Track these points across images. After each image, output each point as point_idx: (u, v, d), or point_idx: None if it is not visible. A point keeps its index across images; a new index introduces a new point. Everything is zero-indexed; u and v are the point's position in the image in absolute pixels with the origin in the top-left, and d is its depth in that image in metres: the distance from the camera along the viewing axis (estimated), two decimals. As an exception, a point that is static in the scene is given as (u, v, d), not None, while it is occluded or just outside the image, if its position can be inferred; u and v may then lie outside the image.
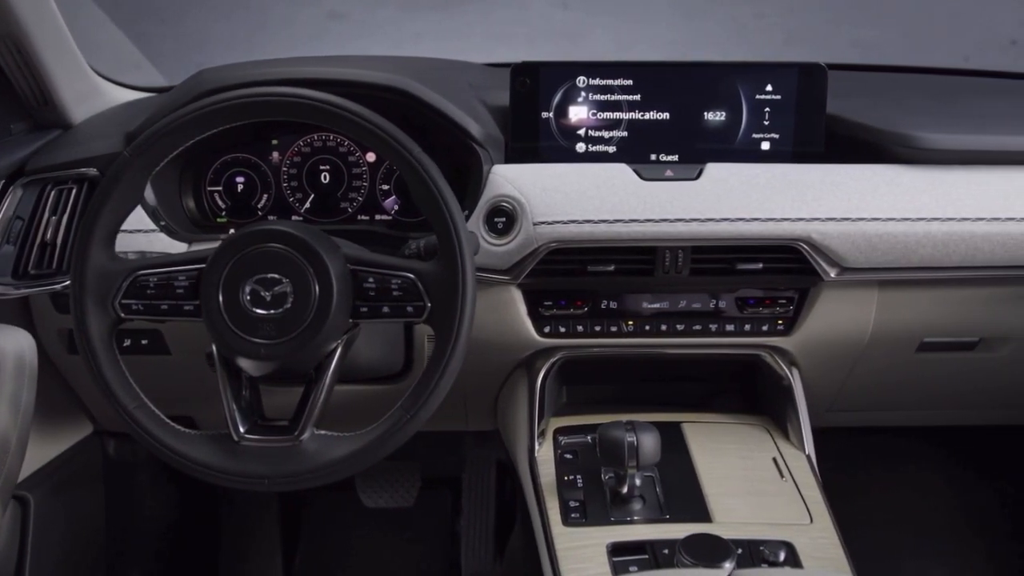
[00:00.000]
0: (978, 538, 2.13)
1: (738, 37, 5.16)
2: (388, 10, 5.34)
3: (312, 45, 4.96)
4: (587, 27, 5.27)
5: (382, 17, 5.33)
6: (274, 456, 1.24)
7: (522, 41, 5.04)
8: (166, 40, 4.87)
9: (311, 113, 1.23)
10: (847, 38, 5.00)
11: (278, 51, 3.70)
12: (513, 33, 5.17)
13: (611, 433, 1.34)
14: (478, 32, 5.16)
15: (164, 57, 4.97)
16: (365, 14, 5.31)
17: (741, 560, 1.26)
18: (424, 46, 4.81)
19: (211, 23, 5.27)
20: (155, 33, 4.91)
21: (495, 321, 1.51)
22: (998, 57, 4.98)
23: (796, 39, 5.11)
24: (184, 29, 5.16)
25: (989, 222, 1.45)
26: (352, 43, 5.07)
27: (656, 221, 1.44)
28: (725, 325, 1.53)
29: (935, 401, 1.76)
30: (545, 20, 5.38)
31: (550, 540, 1.33)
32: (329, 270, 1.23)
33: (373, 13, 5.33)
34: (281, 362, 1.24)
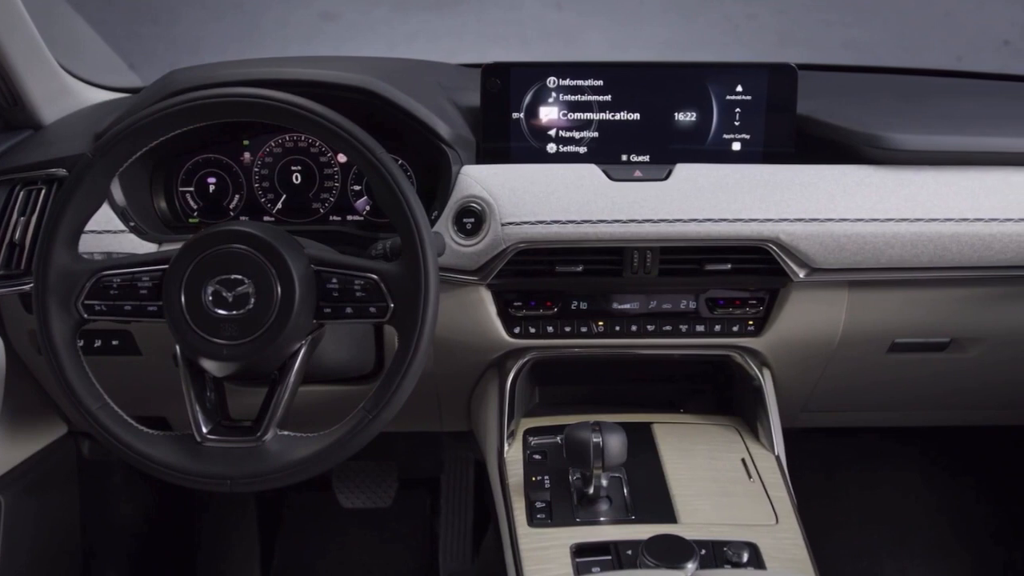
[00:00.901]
0: (957, 538, 2.13)
1: (731, 38, 5.16)
2: (381, 11, 5.33)
3: (306, 46, 4.96)
4: (581, 27, 5.27)
5: (375, 18, 5.33)
6: (237, 457, 1.24)
7: (516, 42, 5.04)
8: (160, 41, 4.88)
9: (274, 114, 1.23)
10: (840, 38, 5.00)
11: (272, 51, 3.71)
12: (507, 34, 5.17)
13: (577, 434, 1.34)
14: (472, 32, 5.15)
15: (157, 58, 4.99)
16: (358, 15, 5.31)
17: (704, 561, 1.27)
18: (417, 46, 4.81)
19: (205, 24, 5.27)
20: (148, 34, 4.92)
21: (465, 322, 1.51)
22: (991, 57, 4.97)
23: (789, 40, 5.11)
24: (178, 30, 5.16)
25: (957, 223, 1.45)
26: (346, 44, 5.06)
27: (624, 222, 1.44)
28: (695, 326, 1.53)
29: (909, 402, 1.76)
30: (539, 21, 5.37)
31: (515, 540, 1.33)
32: (291, 271, 1.23)
33: (366, 14, 5.32)
34: (244, 363, 1.24)
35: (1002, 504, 2.16)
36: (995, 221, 1.45)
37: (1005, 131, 1.51)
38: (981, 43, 4.94)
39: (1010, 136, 1.49)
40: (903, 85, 1.88)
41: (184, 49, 4.82)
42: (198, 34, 5.06)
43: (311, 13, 5.30)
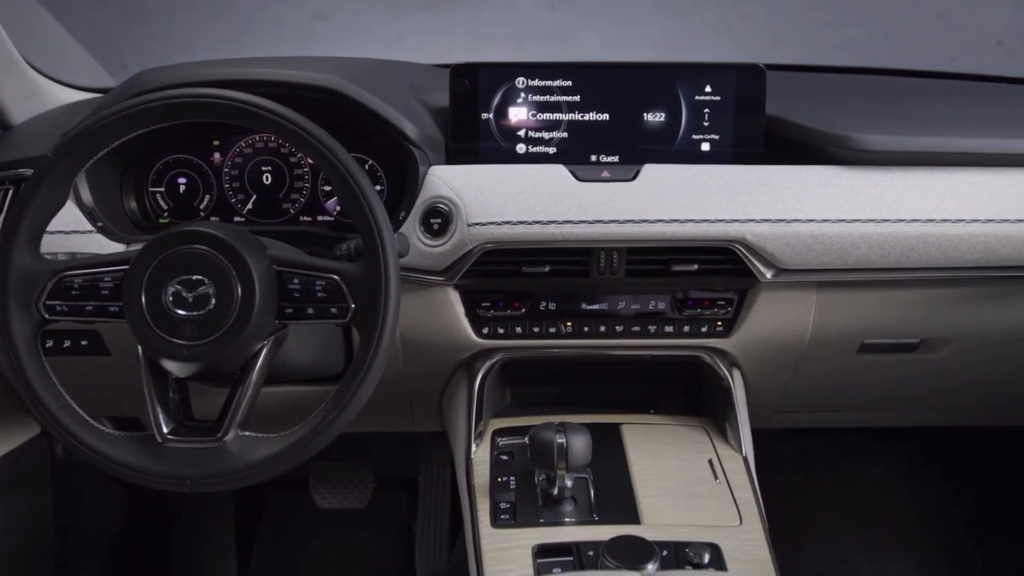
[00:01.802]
0: (935, 538, 2.12)
1: (725, 38, 5.16)
2: (375, 11, 5.34)
3: (299, 46, 4.96)
4: (574, 28, 5.26)
5: (369, 18, 5.33)
6: (197, 457, 1.24)
7: (510, 42, 5.04)
8: (154, 41, 4.88)
9: (234, 114, 1.23)
10: (834, 39, 4.99)
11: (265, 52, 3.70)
12: (500, 34, 5.16)
13: (541, 435, 1.34)
14: (465, 33, 5.15)
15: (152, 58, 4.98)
16: (352, 15, 5.31)
17: (666, 562, 1.27)
18: (410, 46, 4.81)
19: (199, 24, 5.27)
20: (142, 34, 4.92)
21: (433, 323, 1.51)
22: (985, 57, 4.97)
23: (783, 40, 5.10)
24: (172, 30, 5.16)
25: (924, 223, 1.44)
26: (339, 44, 5.07)
27: (590, 222, 1.43)
28: (664, 326, 1.53)
29: (882, 403, 1.75)
30: (532, 21, 5.37)
31: (477, 541, 1.33)
32: (251, 271, 1.23)
33: (360, 14, 5.32)
34: (204, 363, 1.24)
35: (980, 504, 2.16)
36: (962, 222, 1.44)
37: (973, 132, 1.51)
38: (975, 43, 4.93)
39: (978, 137, 1.49)
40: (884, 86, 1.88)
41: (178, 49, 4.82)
42: (192, 34, 5.07)
43: (305, 13, 5.30)
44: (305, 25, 5.13)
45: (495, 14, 5.27)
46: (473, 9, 5.23)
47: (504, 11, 5.35)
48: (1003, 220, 1.45)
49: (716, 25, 5.22)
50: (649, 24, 5.12)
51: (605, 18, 5.11)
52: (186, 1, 5.23)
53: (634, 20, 5.12)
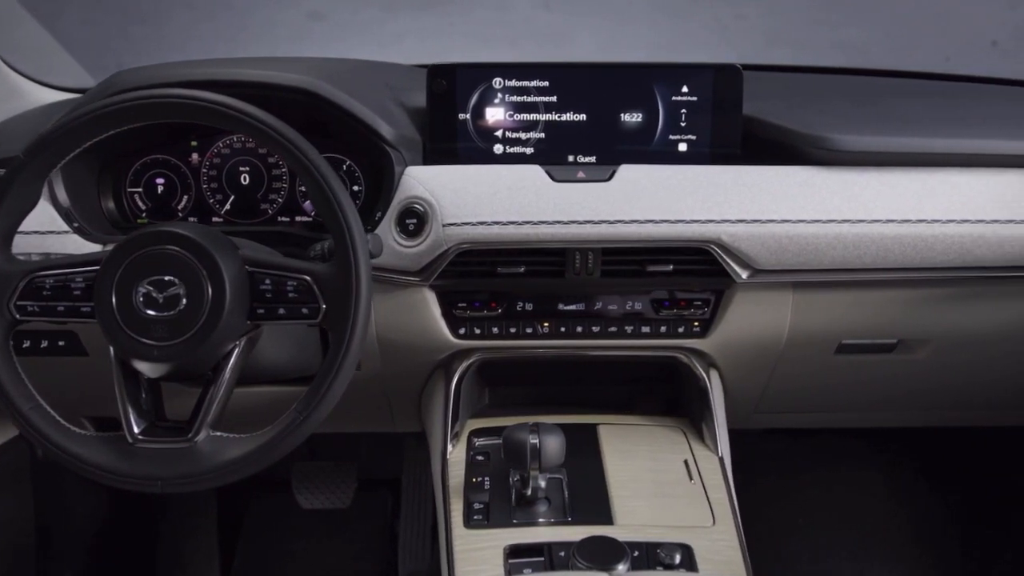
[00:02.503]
0: (918, 539, 2.12)
1: (720, 39, 5.16)
2: (370, 10, 5.34)
3: (294, 45, 4.96)
4: (569, 28, 5.26)
5: (363, 18, 5.33)
6: (168, 458, 1.24)
7: (505, 42, 5.04)
8: (149, 41, 4.88)
9: (205, 115, 1.24)
10: (829, 39, 4.99)
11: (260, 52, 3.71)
12: (495, 34, 5.16)
13: (515, 435, 1.34)
14: (461, 33, 5.15)
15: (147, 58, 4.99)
16: (346, 15, 5.31)
17: (636, 562, 1.26)
18: (406, 46, 4.81)
19: (194, 24, 5.28)
20: (138, 34, 4.93)
21: (410, 323, 1.51)
22: (979, 58, 4.96)
23: (778, 40, 5.10)
24: (167, 30, 5.17)
25: (900, 224, 1.44)
26: (334, 44, 5.07)
27: (565, 223, 1.43)
28: (641, 327, 1.53)
29: (862, 403, 1.75)
30: (527, 21, 5.37)
31: (450, 541, 1.33)
32: (222, 271, 1.23)
33: (354, 14, 5.33)
34: (175, 363, 1.25)
35: (963, 504, 2.16)
36: (937, 222, 1.44)
37: (951, 132, 1.51)
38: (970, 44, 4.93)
39: (955, 137, 1.49)
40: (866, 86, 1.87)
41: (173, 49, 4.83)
42: (187, 34, 5.07)
43: (300, 13, 5.30)
44: (300, 25, 5.13)
45: (490, 14, 5.28)
46: (468, 9, 5.23)
47: (499, 11, 5.36)
48: (978, 220, 1.45)
49: (711, 25, 5.22)
50: (644, 24, 5.12)
51: (600, 18, 5.11)
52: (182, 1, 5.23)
53: (629, 20, 5.12)
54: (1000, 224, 1.45)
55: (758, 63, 1.82)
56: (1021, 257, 1.46)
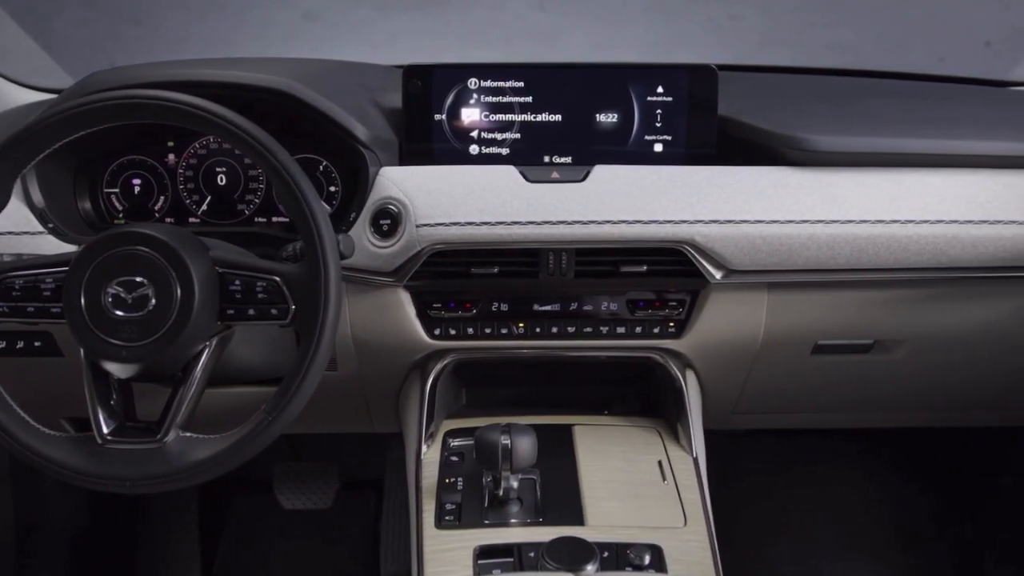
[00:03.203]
0: (900, 539, 2.13)
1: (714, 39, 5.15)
2: (363, 10, 5.33)
3: (288, 46, 4.95)
4: (564, 28, 5.25)
5: (357, 18, 5.33)
6: (137, 458, 1.25)
7: (499, 42, 5.03)
8: (142, 42, 4.87)
9: (173, 115, 1.23)
10: (824, 40, 4.98)
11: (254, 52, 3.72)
12: (490, 34, 5.16)
13: (486, 436, 1.34)
14: (454, 33, 5.15)
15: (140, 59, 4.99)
16: (340, 15, 5.30)
17: (606, 563, 1.27)
18: (400, 46, 4.80)
19: (188, 25, 5.26)
20: (131, 35, 4.92)
21: (385, 324, 1.51)
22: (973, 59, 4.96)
23: (772, 40, 5.09)
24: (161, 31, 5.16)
25: (873, 224, 1.44)
26: (328, 44, 5.06)
27: (539, 223, 1.43)
28: (616, 327, 1.53)
29: (841, 404, 1.75)
30: (521, 21, 5.36)
31: (420, 542, 1.33)
32: (191, 272, 1.23)
33: (348, 14, 5.32)
34: (144, 364, 1.25)
35: (945, 504, 2.16)
36: (911, 223, 1.44)
37: (924, 133, 1.51)
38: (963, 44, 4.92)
39: (929, 138, 1.48)
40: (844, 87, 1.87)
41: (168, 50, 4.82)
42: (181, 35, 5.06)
43: (294, 14, 5.29)
44: (295, 25, 5.13)
45: (484, 13, 5.27)
46: (463, 9, 5.22)
47: (493, 10, 5.35)
48: (952, 221, 1.45)
49: (704, 26, 5.21)
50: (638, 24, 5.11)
51: (594, 18, 5.10)
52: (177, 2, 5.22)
53: (623, 20, 5.12)
54: (974, 225, 1.45)
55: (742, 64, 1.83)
56: (995, 258, 1.46)
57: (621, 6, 5.11)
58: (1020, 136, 1.52)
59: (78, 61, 2.26)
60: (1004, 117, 1.66)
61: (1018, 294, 1.52)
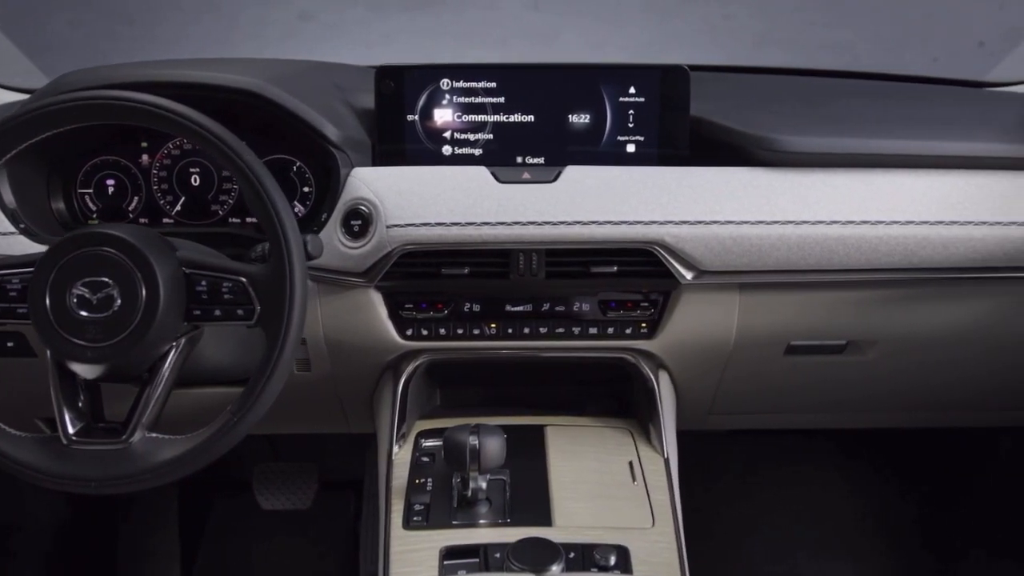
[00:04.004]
0: (878, 539, 2.13)
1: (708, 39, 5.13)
2: (358, 11, 5.31)
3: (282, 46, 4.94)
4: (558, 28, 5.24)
5: (352, 18, 5.31)
6: (102, 459, 1.25)
7: (494, 42, 5.02)
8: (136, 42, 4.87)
9: (137, 115, 1.24)
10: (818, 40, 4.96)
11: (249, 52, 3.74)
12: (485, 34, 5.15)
13: (455, 436, 1.34)
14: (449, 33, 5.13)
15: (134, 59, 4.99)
16: (335, 15, 5.29)
17: (572, 564, 1.27)
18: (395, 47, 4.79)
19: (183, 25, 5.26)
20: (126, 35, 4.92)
21: (357, 324, 1.51)
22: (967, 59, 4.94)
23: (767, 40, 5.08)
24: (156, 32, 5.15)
25: (843, 225, 1.44)
26: (322, 44, 5.05)
27: (508, 224, 1.43)
28: (588, 328, 1.53)
29: (814, 404, 1.75)
30: (516, 21, 5.34)
31: (387, 543, 1.33)
32: (156, 273, 1.23)
33: (343, 14, 5.30)
34: (110, 364, 1.25)
35: (923, 503, 2.16)
36: (881, 224, 1.44)
37: (897, 134, 1.50)
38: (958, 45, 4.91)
39: (901, 139, 1.48)
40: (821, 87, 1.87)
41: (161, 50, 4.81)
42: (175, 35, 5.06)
43: (288, 14, 5.28)
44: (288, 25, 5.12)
45: (478, 13, 5.25)
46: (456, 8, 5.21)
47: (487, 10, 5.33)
48: (923, 222, 1.44)
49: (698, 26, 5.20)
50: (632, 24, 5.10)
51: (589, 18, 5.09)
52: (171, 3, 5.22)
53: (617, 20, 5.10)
54: (944, 226, 1.44)
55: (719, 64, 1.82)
56: (966, 259, 1.45)
57: (615, 6, 5.10)
58: (992, 137, 1.52)
59: (74, 61, 2.26)
60: (978, 118, 1.66)
61: (989, 295, 1.52)
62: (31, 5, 4.51)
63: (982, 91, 1.86)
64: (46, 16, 4.54)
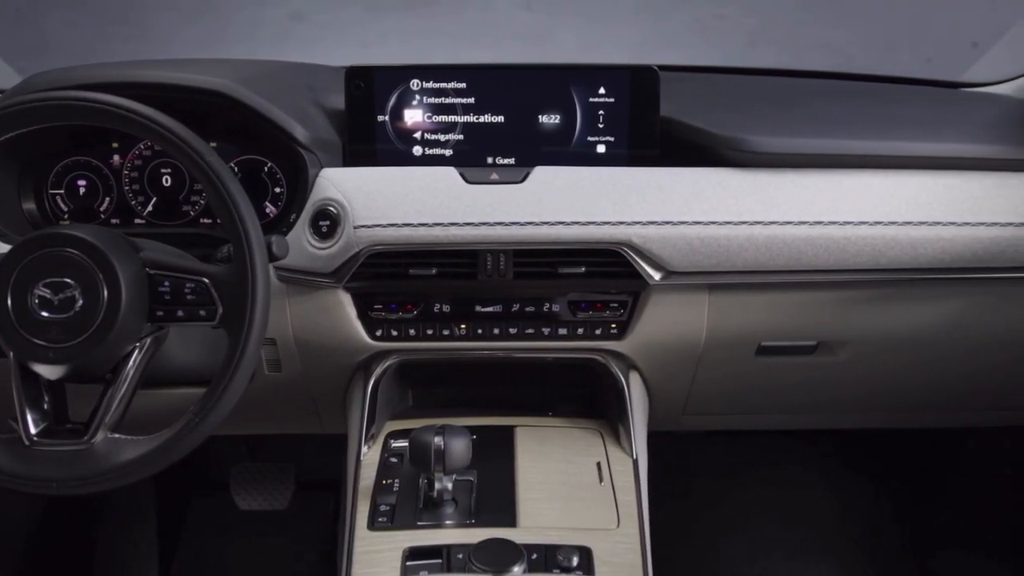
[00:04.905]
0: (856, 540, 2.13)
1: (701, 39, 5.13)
2: (352, 11, 5.31)
3: (276, 47, 4.94)
4: (551, 28, 5.24)
5: (346, 18, 5.31)
6: (63, 459, 1.25)
7: (488, 42, 5.01)
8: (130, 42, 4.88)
9: (98, 116, 1.24)
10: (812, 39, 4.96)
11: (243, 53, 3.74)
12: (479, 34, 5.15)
13: (420, 437, 1.34)
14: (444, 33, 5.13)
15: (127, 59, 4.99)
16: (329, 15, 5.29)
17: (534, 565, 1.26)
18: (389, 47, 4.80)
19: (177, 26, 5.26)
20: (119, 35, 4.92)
21: (326, 325, 1.51)
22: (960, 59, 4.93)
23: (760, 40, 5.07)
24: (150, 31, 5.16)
25: (812, 226, 1.44)
26: (316, 44, 5.05)
27: (476, 224, 1.43)
28: (558, 329, 1.52)
29: (787, 405, 1.75)
30: (509, 21, 5.34)
31: (351, 543, 1.33)
32: (118, 274, 1.23)
33: (336, 14, 5.30)
34: (72, 365, 1.25)
35: (900, 505, 2.16)
36: (850, 224, 1.44)
37: (866, 134, 1.50)
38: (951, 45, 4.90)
39: (870, 139, 1.48)
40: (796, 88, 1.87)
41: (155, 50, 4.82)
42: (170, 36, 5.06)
43: (281, 14, 5.28)
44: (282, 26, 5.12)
45: (473, 14, 5.25)
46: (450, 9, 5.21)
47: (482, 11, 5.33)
48: (891, 223, 1.44)
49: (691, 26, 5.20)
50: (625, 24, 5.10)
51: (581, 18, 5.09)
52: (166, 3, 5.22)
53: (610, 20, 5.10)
54: (913, 226, 1.44)
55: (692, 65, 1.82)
56: (935, 259, 1.45)
57: (610, 6, 5.10)
58: (963, 138, 1.51)
59: (68, 61, 2.26)
60: (948, 119, 1.66)
61: (959, 296, 1.52)
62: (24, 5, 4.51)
63: (958, 92, 1.85)
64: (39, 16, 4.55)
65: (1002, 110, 1.73)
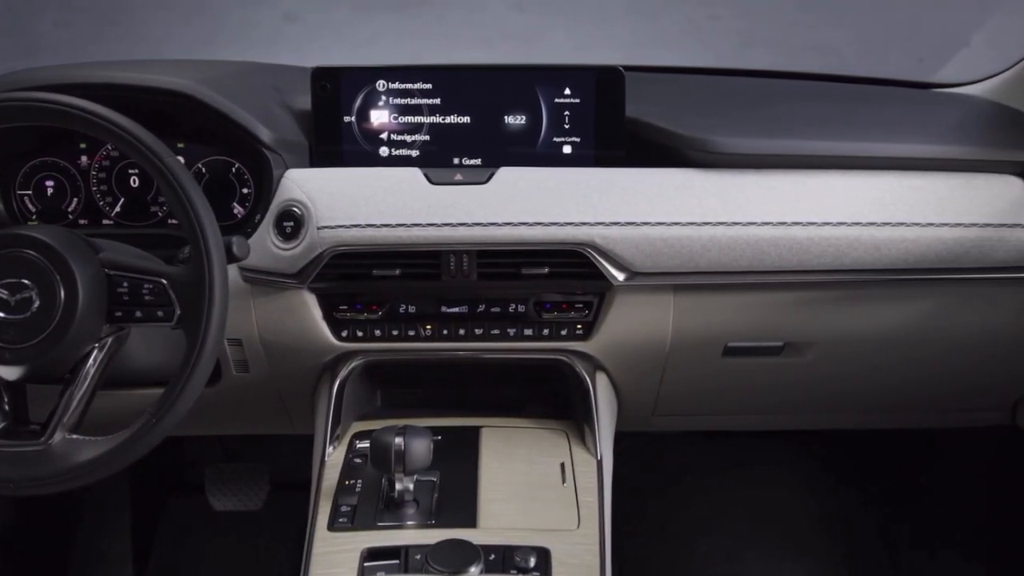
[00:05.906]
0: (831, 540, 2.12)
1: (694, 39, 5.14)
2: (344, 11, 5.33)
3: (269, 47, 4.95)
4: (543, 29, 5.25)
5: (338, 19, 5.33)
6: (20, 460, 1.25)
7: (479, 43, 5.03)
8: (122, 43, 4.88)
9: (54, 117, 1.24)
10: (805, 41, 4.97)
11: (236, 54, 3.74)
12: (471, 35, 5.16)
13: (381, 438, 1.34)
14: (435, 34, 5.14)
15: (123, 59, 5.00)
16: (320, 16, 5.30)
17: (491, 566, 1.26)
18: (381, 47, 4.80)
19: (169, 27, 5.27)
20: (112, 35, 4.93)
21: (291, 326, 1.51)
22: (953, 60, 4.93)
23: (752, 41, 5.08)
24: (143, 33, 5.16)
25: (775, 227, 1.44)
26: (308, 44, 5.06)
27: (439, 225, 1.43)
28: (524, 329, 1.52)
29: (756, 406, 1.74)
30: (501, 22, 5.36)
31: (310, 544, 1.33)
32: (75, 275, 1.23)
33: (328, 15, 5.32)
34: (28, 366, 1.25)
35: (873, 505, 2.16)
36: (813, 225, 1.44)
37: (831, 135, 1.50)
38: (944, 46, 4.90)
39: (835, 140, 1.48)
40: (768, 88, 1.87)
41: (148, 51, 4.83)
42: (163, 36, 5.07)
43: (273, 15, 5.29)
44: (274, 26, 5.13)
45: (464, 15, 5.26)
46: (441, 9, 5.22)
47: (472, 12, 5.34)
48: (854, 223, 1.44)
49: (684, 26, 5.20)
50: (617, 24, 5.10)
51: (573, 18, 5.10)
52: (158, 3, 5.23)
53: (602, 21, 5.11)
54: (876, 227, 1.44)
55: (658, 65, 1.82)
56: (898, 260, 1.45)
57: (601, 7, 5.10)
58: (927, 138, 1.51)
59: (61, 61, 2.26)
60: (915, 119, 1.66)
61: (923, 297, 1.52)
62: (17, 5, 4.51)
63: (928, 92, 1.85)
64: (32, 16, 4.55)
65: (971, 111, 1.73)
